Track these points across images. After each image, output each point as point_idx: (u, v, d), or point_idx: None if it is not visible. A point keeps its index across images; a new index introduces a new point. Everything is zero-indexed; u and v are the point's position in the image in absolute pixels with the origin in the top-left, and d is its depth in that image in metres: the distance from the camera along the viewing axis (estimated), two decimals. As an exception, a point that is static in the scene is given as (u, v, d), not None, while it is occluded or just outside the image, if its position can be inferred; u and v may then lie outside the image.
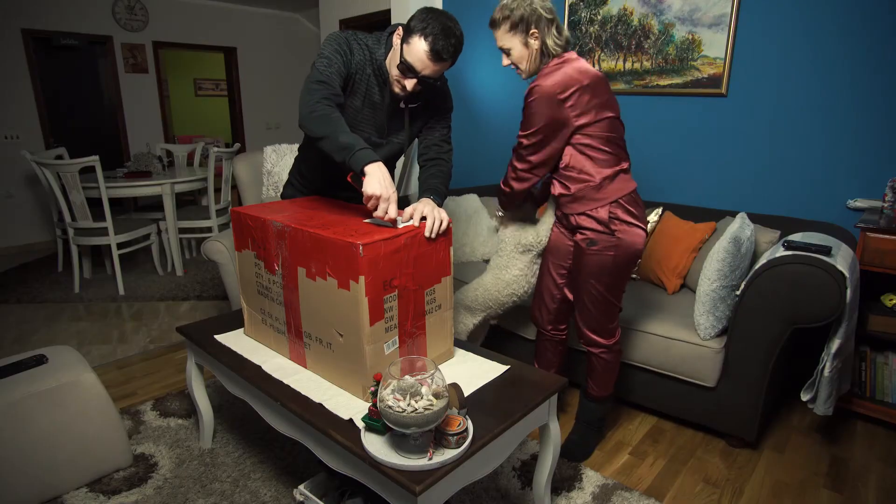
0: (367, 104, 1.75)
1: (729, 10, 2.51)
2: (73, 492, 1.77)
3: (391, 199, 1.42)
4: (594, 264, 1.74)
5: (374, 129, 1.80)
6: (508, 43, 1.68)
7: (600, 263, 1.73)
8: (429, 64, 1.56)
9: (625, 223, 1.70)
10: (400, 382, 1.14)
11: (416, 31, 1.55)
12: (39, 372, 1.75)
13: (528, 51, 1.67)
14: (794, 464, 1.96)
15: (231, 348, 1.73)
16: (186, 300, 3.59)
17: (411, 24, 1.56)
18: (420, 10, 1.58)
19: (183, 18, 5.77)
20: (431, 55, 1.54)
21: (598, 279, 1.75)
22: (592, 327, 1.84)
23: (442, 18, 1.54)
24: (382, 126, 1.79)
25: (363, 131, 1.79)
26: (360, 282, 1.30)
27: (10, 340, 2.96)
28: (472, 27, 3.57)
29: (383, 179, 1.43)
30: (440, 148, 1.84)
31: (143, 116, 5.65)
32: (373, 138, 1.81)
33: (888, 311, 2.07)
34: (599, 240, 1.71)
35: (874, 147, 2.26)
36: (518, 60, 1.70)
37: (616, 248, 1.71)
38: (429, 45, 1.53)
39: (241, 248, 1.73)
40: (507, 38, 1.68)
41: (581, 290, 1.81)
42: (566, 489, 1.78)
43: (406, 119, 1.80)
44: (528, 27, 1.63)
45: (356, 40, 1.71)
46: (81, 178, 3.55)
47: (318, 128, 1.51)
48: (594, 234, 1.72)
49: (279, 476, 1.84)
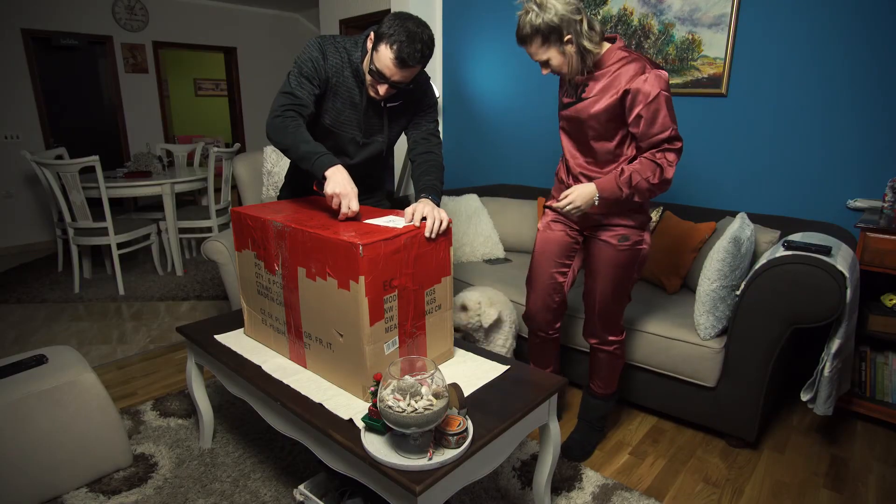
0: (348, 105, 1.77)
1: (729, 10, 2.51)
2: (73, 492, 1.77)
3: (350, 195, 1.50)
4: (626, 259, 1.76)
5: (357, 130, 1.81)
6: (545, 55, 1.62)
7: (632, 258, 1.76)
8: (396, 71, 1.57)
9: (648, 217, 1.77)
10: (400, 382, 1.14)
11: (383, 39, 1.55)
12: (39, 372, 1.75)
13: (567, 57, 1.61)
14: (794, 464, 1.96)
15: (231, 348, 1.73)
16: (186, 300, 3.59)
17: (380, 30, 1.57)
18: (389, 15, 1.58)
19: (183, 18, 5.77)
20: (397, 62, 1.55)
21: (627, 273, 1.78)
22: (606, 324, 1.85)
23: (408, 24, 1.54)
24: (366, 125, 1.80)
25: (346, 132, 1.80)
26: (360, 282, 1.30)
27: (10, 340, 2.96)
28: (472, 26, 3.57)
29: (342, 179, 1.51)
30: (428, 142, 1.84)
31: (143, 116, 5.65)
32: (357, 138, 1.82)
33: (888, 311, 2.07)
34: (631, 234, 1.74)
35: (874, 147, 2.26)
36: (559, 68, 1.65)
37: (644, 242, 1.77)
38: (394, 52, 1.54)
39: (241, 249, 1.73)
40: (543, 52, 1.61)
41: (601, 288, 1.81)
42: (566, 489, 1.78)
43: (385, 119, 1.80)
44: (561, 35, 1.57)
45: (332, 44, 1.72)
46: (81, 178, 3.55)
47: (280, 139, 1.62)
48: (626, 230, 1.74)
49: (279, 476, 1.84)
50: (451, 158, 3.90)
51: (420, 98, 1.83)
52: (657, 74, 1.56)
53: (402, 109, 1.82)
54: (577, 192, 1.64)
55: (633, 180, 1.59)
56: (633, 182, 1.60)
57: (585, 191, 1.64)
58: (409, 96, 1.81)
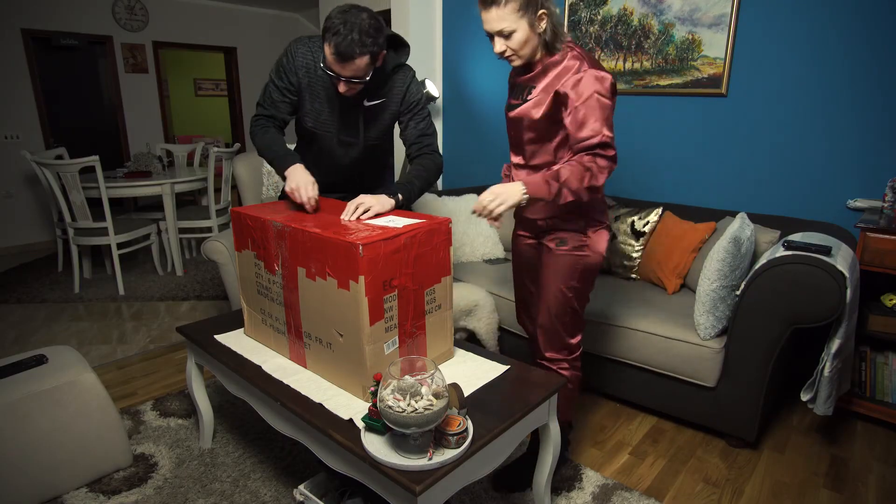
0: (327, 106, 1.76)
1: (729, 10, 2.51)
2: (73, 492, 1.76)
3: (303, 186, 1.60)
4: (563, 265, 1.62)
5: (343, 129, 1.80)
6: (513, 24, 1.43)
7: (570, 264, 1.62)
8: (340, 66, 1.54)
9: (596, 223, 1.62)
10: (400, 382, 1.14)
11: (324, 36, 1.53)
12: (39, 372, 1.75)
13: (534, 34, 1.45)
14: (794, 464, 1.96)
15: (231, 348, 1.73)
16: (186, 300, 3.59)
17: (323, 27, 1.54)
18: (333, 9, 1.54)
19: (183, 18, 5.77)
20: (337, 58, 1.52)
21: (566, 282, 1.63)
22: (549, 340, 1.69)
23: (346, 16, 1.50)
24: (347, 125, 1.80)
25: (329, 133, 1.80)
26: (359, 282, 1.30)
27: (10, 340, 2.96)
28: (472, 26, 3.57)
29: (297, 175, 1.62)
30: (420, 144, 1.83)
31: (143, 116, 5.65)
32: (342, 136, 1.81)
33: (888, 311, 2.07)
34: (570, 239, 1.62)
35: (874, 147, 2.26)
36: (520, 45, 1.47)
37: (588, 248, 1.62)
38: (332, 48, 1.51)
39: (241, 249, 1.73)
40: (513, 20, 1.42)
41: (543, 297, 1.67)
42: (566, 489, 1.78)
43: (361, 118, 1.78)
44: (538, 6, 1.42)
45: (305, 45, 1.72)
46: (81, 178, 3.54)
47: (257, 145, 1.78)
48: (565, 234, 1.62)
49: (279, 476, 1.84)
50: (451, 158, 3.90)
51: (401, 96, 1.80)
52: (594, 75, 1.43)
53: (382, 108, 1.80)
54: (495, 189, 1.45)
55: (562, 177, 1.42)
56: (560, 178, 1.42)
57: (510, 188, 1.44)
58: (389, 94, 1.78)
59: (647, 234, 2.55)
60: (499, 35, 1.46)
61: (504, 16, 1.42)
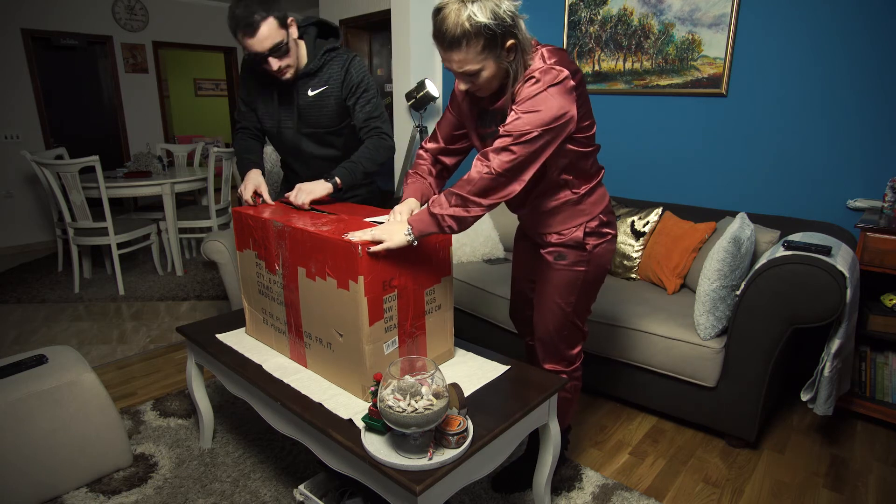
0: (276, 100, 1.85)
1: (729, 10, 2.51)
2: (73, 492, 1.76)
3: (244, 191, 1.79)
4: (562, 281, 1.53)
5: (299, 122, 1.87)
6: (477, 65, 1.24)
7: (569, 280, 1.52)
8: (251, 41, 1.59)
9: (599, 236, 1.51)
10: (400, 382, 1.14)
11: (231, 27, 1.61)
12: (39, 372, 1.75)
13: (502, 66, 1.27)
14: (794, 464, 1.96)
15: (232, 347, 1.73)
16: (186, 300, 3.59)
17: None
18: None
19: (183, 18, 5.77)
20: (242, 32, 1.58)
21: (564, 298, 1.54)
22: (550, 352, 1.63)
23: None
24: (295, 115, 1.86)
25: (289, 128, 1.88)
26: (359, 282, 1.30)
27: (10, 340, 2.96)
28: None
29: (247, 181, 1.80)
30: (367, 127, 1.85)
31: (143, 116, 5.65)
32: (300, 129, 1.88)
33: (888, 311, 2.07)
34: (569, 254, 1.51)
35: (874, 147, 2.26)
36: (488, 82, 1.29)
37: (588, 264, 1.51)
38: (235, 24, 1.58)
39: (243, 248, 1.73)
40: (478, 60, 1.23)
41: (543, 310, 1.59)
42: (566, 489, 1.78)
43: (295, 105, 1.83)
44: (505, 36, 1.21)
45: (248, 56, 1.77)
46: (81, 178, 3.55)
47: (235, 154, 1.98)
48: (564, 249, 1.51)
49: (279, 476, 1.84)
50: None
51: (341, 79, 1.82)
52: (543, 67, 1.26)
53: (326, 94, 1.83)
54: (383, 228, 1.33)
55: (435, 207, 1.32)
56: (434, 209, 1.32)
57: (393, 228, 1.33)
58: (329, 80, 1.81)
59: (647, 234, 2.55)
60: (464, 76, 1.29)
61: (468, 58, 1.23)
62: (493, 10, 1.17)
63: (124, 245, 3.82)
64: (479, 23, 1.17)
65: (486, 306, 2.56)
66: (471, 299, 2.64)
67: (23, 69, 4.76)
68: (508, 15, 1.20)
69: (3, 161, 4.75)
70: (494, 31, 1.19)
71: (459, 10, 1.17)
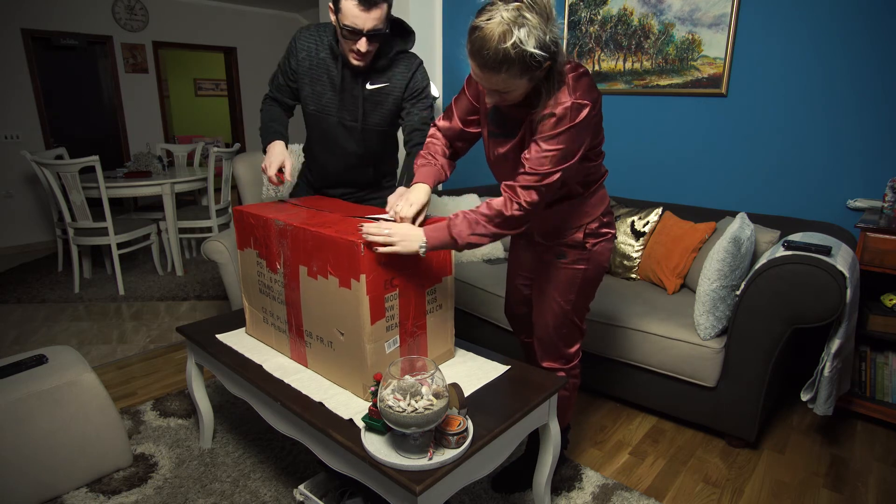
0: (328, 88, 1.81)
1: (729, 10, 2.51)
2: (73, 492, 1.76)
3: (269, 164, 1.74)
4: (562, 279, 1.54)
5: (345, 113, 1.84)
6: (511, 85, 1.21)
7: (569, 278, 1.54)
8: (362, 15, 1.58)
9: (599, 236, 1.52)
10: (400, 382, 1.14)
11: None
12: (39, 372, 1.75)
13: (533, 82, 1.24)
14: (794, 464, 1.96)
15: (232, 347, 1.73)
16: (186, 300, 3.59)
17: None
18: None
19: (183, 18, 5.77)
20: (361, 4, 1.56)
21: (564, 295, 1.55)
22: (549, 350, 1.64)
23: None
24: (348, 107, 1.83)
25: (332, 114, 1.85)
26: (361, 280, 1.30)
27: (10, 340, 2.96)
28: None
29: (273, 152, 1.76)
30: (421, 132, 1.83)
31: (143, 116, 5.65)
32: (344, 120, 1.85)
33: (888, 311, 2.07)
34: (569, 253, 1.53)
35: (874, 147, 2.26)
36: (517, 98, 1.27)
37: (587, 262, 1.53)
38: None
39: (244, 247, 1.73)
40: (513, 83, 1.20)
41: (542, 308, 1.60)
42: (566, 489, 1.78)
43: (360, 100, 1.81)
44: (545, 57, 1.17)
45: (306, 31, 1.80)
46: (81, 178, 3.55)
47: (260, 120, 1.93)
48: (564, 248, 1.53)
49: (279, 476, 1.84)
50: None
51: (405, 82, 1.82)
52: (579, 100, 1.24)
53: (385, 92, 1.82)
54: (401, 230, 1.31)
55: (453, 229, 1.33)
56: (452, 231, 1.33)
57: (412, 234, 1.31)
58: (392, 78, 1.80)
59: (647, 234, 2.55)
60: (494, 91, 1.26)
61: (503, 80, 1.20)
62: (538, 39, 1.13)
63: (124, 245, 3.82)
64: (525, 52, 1.13)
65: (487, 306, 2.56)
66: (471, 299, 2.64)
67: (23, 69, 4.76)
68: (553, 42, 1.16)
69: (3, 161, 4.75)
70: (540, 61, 1.16)
71: (504, 35, 1.11)
